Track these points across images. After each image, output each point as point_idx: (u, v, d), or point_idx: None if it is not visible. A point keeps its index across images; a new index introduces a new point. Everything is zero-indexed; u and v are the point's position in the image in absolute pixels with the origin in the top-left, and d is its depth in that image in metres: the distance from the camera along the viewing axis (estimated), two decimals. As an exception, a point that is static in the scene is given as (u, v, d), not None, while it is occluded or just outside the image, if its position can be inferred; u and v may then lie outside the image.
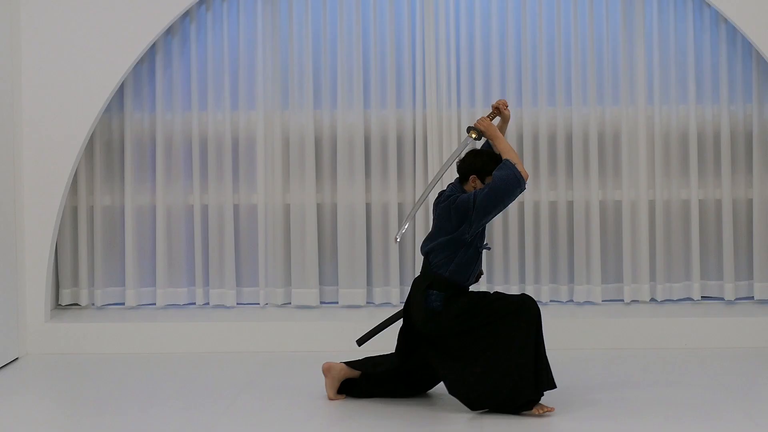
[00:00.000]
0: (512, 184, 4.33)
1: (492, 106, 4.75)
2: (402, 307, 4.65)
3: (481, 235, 4.50)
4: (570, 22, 5.90)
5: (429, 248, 4.49)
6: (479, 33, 5.90)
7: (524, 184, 4.36)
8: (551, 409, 4.34)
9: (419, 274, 4.57)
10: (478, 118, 4.96)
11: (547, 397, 4.43)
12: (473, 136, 4.65)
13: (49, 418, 4.58)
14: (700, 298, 5.94)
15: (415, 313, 4.47)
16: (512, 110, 5.92)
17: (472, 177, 4.49)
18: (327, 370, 4.60)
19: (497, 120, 4.77)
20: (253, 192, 6.00)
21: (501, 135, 4.57)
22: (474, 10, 5.90)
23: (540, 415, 4.31)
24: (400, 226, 5.04)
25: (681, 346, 5.58)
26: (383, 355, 4.65)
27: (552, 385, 4.36)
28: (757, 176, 5.86)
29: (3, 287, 5.38)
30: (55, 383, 5.20)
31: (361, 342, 4.74)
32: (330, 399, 4.58)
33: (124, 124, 5.97)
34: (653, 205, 5.96)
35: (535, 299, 5.94)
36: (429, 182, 5.34)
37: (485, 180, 4.46)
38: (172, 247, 6.02)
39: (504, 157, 4.45)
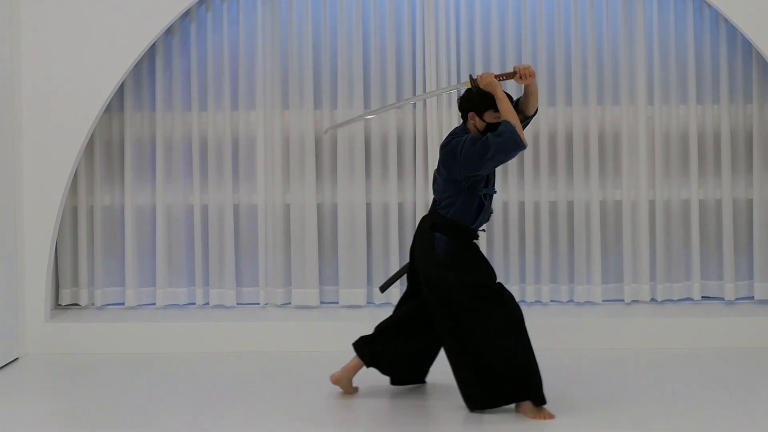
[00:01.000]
0: (509, 146, 4.23)
1: (514, 68, 4.46)
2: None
3: (486, 181, 4.46)
4: (570, 22, 5.90)
5: (435, 187, 4.53)
6: (479, 33, 5.90)
7: (523, 144, 4.24)
8: (550, 417, 4.33)
9: (428, 212, 4.61)
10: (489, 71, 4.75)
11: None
12: (468, 85, 4.51)
13: (49, 418, 4.57)
14: (700, 298, 5.94)
15: (418, 251, 4.48)
16: (512, 110, 5.93)
17: (470, 114, 4.44)
18: (336, 382, 4.66)
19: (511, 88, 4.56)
20: (253, 192, 6.01)
21: (503, 95, 4.34)
22: (474, 10, 5.91)
23: (532, 419, 4.30)
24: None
25: (681, 346, 5.58)
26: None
27: (541, 398, 4.33)
28: (757, 176, 5.86)
29: (3, 287, 5.38)
30: (55, 383, 5.20)
31: (384, 288, 4.79)
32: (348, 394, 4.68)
33: (124, 124, 5.97)
34: (653, 205, 5.96)
35: (535, 299, 5.99)
36: (397, 102, 5.10)
37: (485, 116, 4.40)
38: (172, 247, 6.02)
39: (503, 118, 4.31)
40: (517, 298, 5.96)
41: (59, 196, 5.62)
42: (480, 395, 4.35)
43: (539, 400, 4.32)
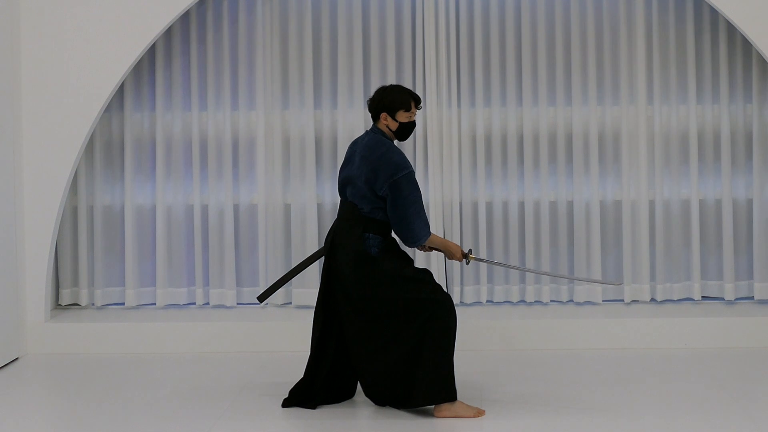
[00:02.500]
0: (409, 221, 4.31)
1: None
2: (308, 257, 4.67)
3: None
4: (570, 21, 5.90)
5: (352, 194, 4.44)
6: (479, 32, 5.90)
7: (415, 241, 4.36)
8: (480, 414, 4.33)
9: (341, 218, 4.48)
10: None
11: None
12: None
13: (49, 418, 4.58)
14: (700, 298, 5.94)
15: (342, 258, 4.39)
16: (512, 110, 5.94)
17: (383, 115, 4.43)
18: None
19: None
20: (253, 192, 6.01)
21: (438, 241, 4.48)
22: (474, 10, 5.91)
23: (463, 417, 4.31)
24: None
25: (681, 346, 5.58)
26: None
27: (453, 396, 4.32)
28: (757, 176, 5.86)
29: (3, 287, 5.38)
30: (55, 383, 5.20)
31: (262, 298, 4.75)
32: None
33: (124, 124, 5.97)
34: (653, 205, 5.96)
35: (535, 299, 5.98)
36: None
37: (397, 115, 4.40)
38: (172, 247, 6.02)
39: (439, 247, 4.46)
40: (517, 298, 5.97)
41: (59, 196, 5.62)
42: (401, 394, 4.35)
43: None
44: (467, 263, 4.59)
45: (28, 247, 5.62)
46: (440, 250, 4.54)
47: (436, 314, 4.31)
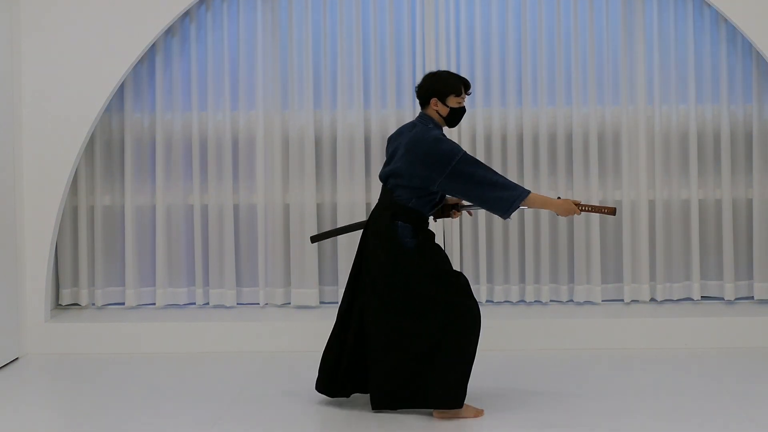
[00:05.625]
0: (496, 194, 4.21)
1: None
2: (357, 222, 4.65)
3: None
4: (570, 22, 5.90)
5: (393, 184, 4.37)
6: (479, 33, 5.90)
7: (514, 207, 4.25)
8: (479, 414, 4.33)
9: (378, 204, 4.45)
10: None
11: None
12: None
13: (49, 418, 4.58)
14: (700, 298, 5.94)
15: (374, 245, 4.33)
16: (512, 110, 5.93)
17: (433, 100, 4.38)
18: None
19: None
20: (253, 192, 6.01)
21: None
22: (474, 10, 5.91)
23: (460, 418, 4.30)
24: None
25: (681, 346, 5.58)
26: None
27: (459, 405, 4.29)
28: (757, 176, 5.86)
29: (3, 287, 5.38)
30: (55, 383, 5.20)
31: (314, 239, 4.76)
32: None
33: (124, 124, 5.97)
34: (653, 205, 5.96)
35: (535, 299, 5.98)
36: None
37: (447, 101, 4.35)
38: (172, 247, 6.02)
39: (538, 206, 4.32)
40: (517, 298, 5.98)
41: (59, 196, 5.62)
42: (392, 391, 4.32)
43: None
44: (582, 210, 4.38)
45: (28, 247, 5.62)
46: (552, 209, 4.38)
47: (460, 319, 4.25)
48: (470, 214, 4.81)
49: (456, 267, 5.92)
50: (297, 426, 4.32)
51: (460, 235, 5.94)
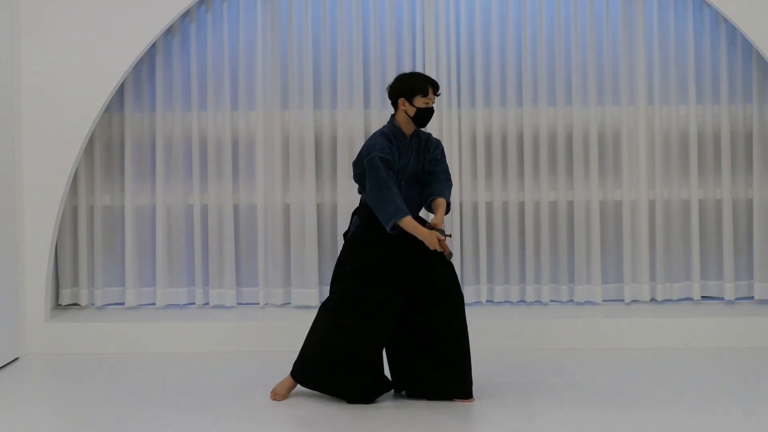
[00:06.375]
0: (379, 206, 4.37)
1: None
2: None
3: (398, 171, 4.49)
4: (570, 22, 5.90)
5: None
6: (479, 33, 5.90)
7: (389, 225, 4.37)
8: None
9: None
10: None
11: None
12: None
13: (49, 418, 4.58)
14: (700, 298, 5.94)
15: None
16: (512, 110, 5.94)
17: (401, 101, 4.50)
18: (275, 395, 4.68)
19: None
20: (253, 192, 6.01)
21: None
22: (474, 10, 5.91)
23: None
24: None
25: (681, 346, 5.58)
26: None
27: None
28: (757, 176, 5.86)
29: (3, 287, 5.38)
30: (55, 383, 5.20)
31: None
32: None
33: (124, 124, 5.97)
34: (653, 205, 5.96)
35: (535, 299, 5.98)
36: None
37: (414, 101, 4.46)
38: (172, 247, 6.02)
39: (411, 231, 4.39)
40: (517, 298, 5.97)
41: (59, 196, 5.62)
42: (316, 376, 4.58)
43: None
44: (445, 237, 4.45)
45: (28, 247, 5.62)
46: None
47: (338, 306, 4.52)
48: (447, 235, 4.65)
49: (456, 267, 5.92)
50: (297, 426, 4.32)
51: (461, 236, 5.94)
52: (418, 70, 5.88)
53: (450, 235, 4.53)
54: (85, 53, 5.60)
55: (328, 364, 4.50)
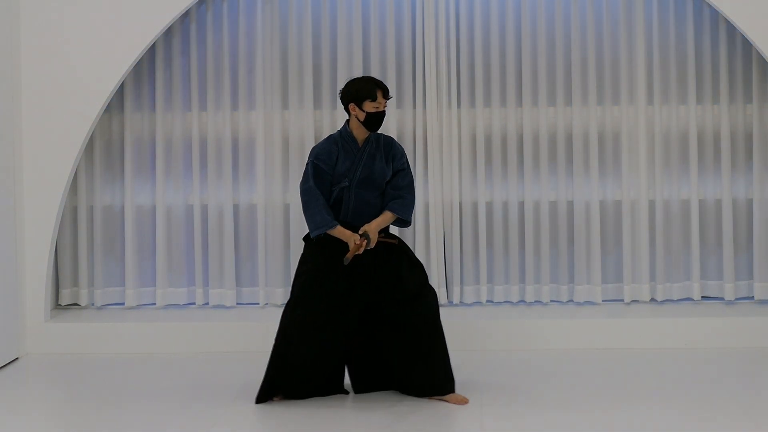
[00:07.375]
0: (307, 213, 4.47)
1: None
2: None
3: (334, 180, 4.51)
4: (570, 22, 5.90)
5: None
6: (479, 33, 5.90)
7: (314, 234, 4.46)
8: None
9: None
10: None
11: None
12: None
13: (49, 418, 4.58)
14: (700, 298, 5.95)
15: None
16: (512, 110, 5.93)
17: (351, 105, 4.51)
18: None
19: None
20: (253, 192, 6.01)
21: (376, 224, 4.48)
22: (474, 11, 5.91)
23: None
24: None
25: (681, 346, 5.58)
26: None
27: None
28: (757, 176, 5.87)
29: (3, 287, 5.38)
30: (55, 383, 5.20)
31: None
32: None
33: (124, 124, 5.97)
34: (653, 205, 5.96)
35: (535, 299, 5.97)
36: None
37: (363, 105, 4.46)
38: (172, 247, 6.02)
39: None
40: (517, 298, 5.97)
41: (59, 196, 5.62)
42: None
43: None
44: (367, 245, 4.45)
45: (28, 247, 5.62)
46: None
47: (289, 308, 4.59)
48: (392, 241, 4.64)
49: (457, 267, 5.92)
50: (297, 426, 4.31)
51: (461, 236, 5.94)
52: (418, 69, 5.88)
53: (367, 242, 4.43)
54: (85, 53, 5.60)
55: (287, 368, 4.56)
